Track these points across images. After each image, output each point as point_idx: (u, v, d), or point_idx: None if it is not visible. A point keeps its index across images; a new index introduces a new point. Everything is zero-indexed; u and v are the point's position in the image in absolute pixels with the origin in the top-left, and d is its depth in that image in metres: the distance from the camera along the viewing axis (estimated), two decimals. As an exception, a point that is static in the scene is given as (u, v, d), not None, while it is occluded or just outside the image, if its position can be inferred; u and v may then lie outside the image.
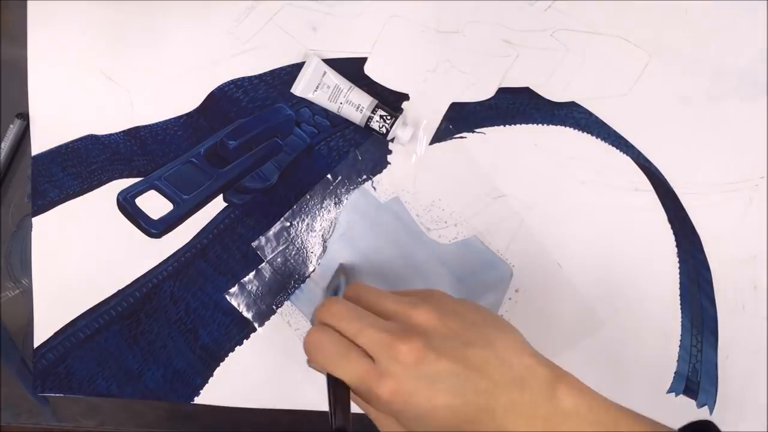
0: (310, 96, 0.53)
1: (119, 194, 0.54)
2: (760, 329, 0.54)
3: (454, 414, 0.34)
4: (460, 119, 0.54)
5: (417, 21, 0.54)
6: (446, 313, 0.37)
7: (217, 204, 0.54)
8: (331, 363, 0.37)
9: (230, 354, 0.54)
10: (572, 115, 0.54)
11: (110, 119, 0.54)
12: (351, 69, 0.53)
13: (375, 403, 0.36)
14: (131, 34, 0.54)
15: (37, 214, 0.54)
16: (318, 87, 0.53)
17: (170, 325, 0.54)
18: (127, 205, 0.54)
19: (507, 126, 0.54)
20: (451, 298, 0.40)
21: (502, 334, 0.37)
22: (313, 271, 0.54)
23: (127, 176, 0.54)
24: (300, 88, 0.53)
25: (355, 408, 0.51)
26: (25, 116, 0.54)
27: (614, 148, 0.54)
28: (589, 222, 0.54)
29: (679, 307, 0.54)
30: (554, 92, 0.54)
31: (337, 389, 0.37)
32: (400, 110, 0.54)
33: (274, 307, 0.54)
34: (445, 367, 0.35)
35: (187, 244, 0.54)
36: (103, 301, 0.54)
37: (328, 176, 0.54)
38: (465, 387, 0.35)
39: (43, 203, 0.54)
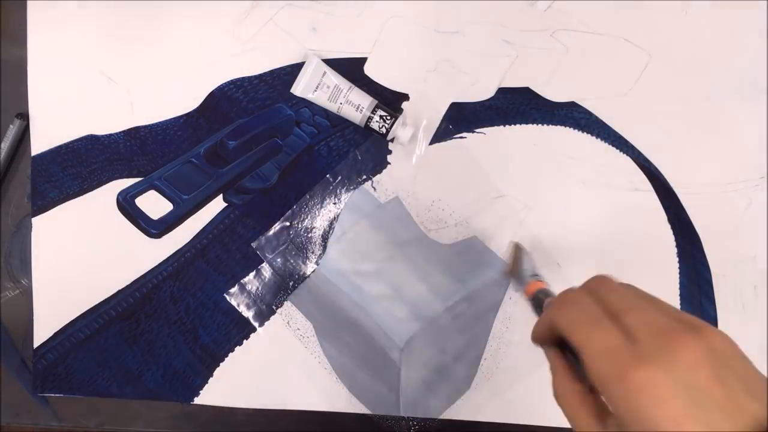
0: (310, 96, 0.53)
1: (119, 194, 0.54)
2: (760, 330, 0.54)
3: None
4: (460, 119, 0.54)
5: (417, 21, 0.54)
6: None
7: (217, 204, 0.54)
8: (580, 324, 0.31)
9: (230, 354, 0.54)
10: (572, 115, 0.54)
11: (110, 119, 0.54)
12: (351, 69, 0.53)
13: (611, 387, 0.28)
14: (131, 34, 0.54)
15: (36, 215, 0.54)
16: (318, 87, 0.52)
17: (170, 326, 0.54)
18: (126, 205, 0.54)
19: (507, 126, 0.54)
20: None
21: None
22: (313, 271, 0.54)
23: (127, 176, 0.54)
24: (300, 88, 0.53)
25: (361, 409, 0.50)
26: (24, 116, 0.54)
27: (614, 148, 0.54)
28: (589, 222, 0.54)
29: (679, 307, 0.54)
30: (554, 92, 0.54)
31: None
32: (400, 110, 0.54)
33: (274, 307, 0.54)
34: (720, 395, 0.26)
35: (186, 244, 0.54)
36: (103, 302, 0.54)
37: (328, 176, 0.54)
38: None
39: (42, 203, 0.54)
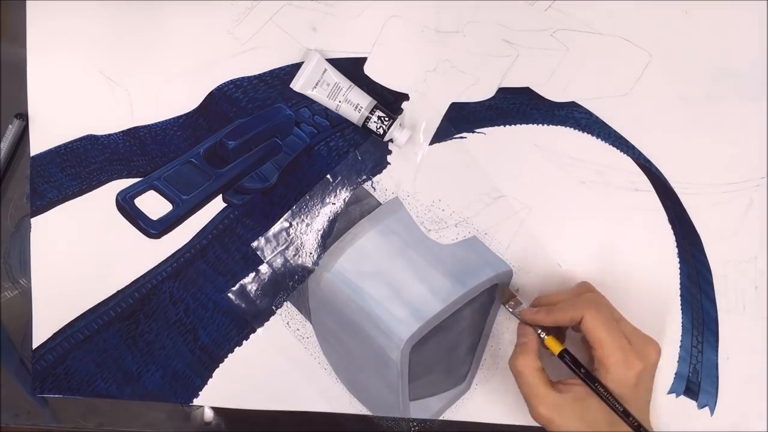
0: (309, 92, 0.53)
1: (118, 195, 0.54)
2: (761, 330, 0.54)
3: None
4: (460, 119, 0.54)
5: (417, 21, 0.54)
6: None
7: (217, 204, 0.54)
8: (604, 325, 0.45)
9: (229, 355, 0.54)
10: (572, 115, 0.54)
11: (109, 119, 0.54)
12: (351, 69, 0.53)
13: (618, 370, 0.44)
14: (131, 34, 0.54)
15: (35, 215, 0.54)
16: (318, 84, 0.52)
17: (169, 326, 0.54)
18: (126, 205, 0.53)
19: (507, 126, 0.54)
20: None
21: None
22: (313, 271, 0.54)
23: (127, 176, 0.54)
24: (300, 84, 0.53)
25: (361, 409, 0.50)
26: (24, 116, 0.53)
27: (614, 148, 0.54)
28: (589, 222, 0.54)
29: (680, 307, 0.54)
30: (554, 92, 0.54)
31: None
32: (400, 111, 0.54)
33: (274, 307, 0.54)
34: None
35: (186, 244, 0.54)
36: (102, 302, 0.54)
37: (328, 176, 0.54)
38: None
39: (41, 204, 0.54)
